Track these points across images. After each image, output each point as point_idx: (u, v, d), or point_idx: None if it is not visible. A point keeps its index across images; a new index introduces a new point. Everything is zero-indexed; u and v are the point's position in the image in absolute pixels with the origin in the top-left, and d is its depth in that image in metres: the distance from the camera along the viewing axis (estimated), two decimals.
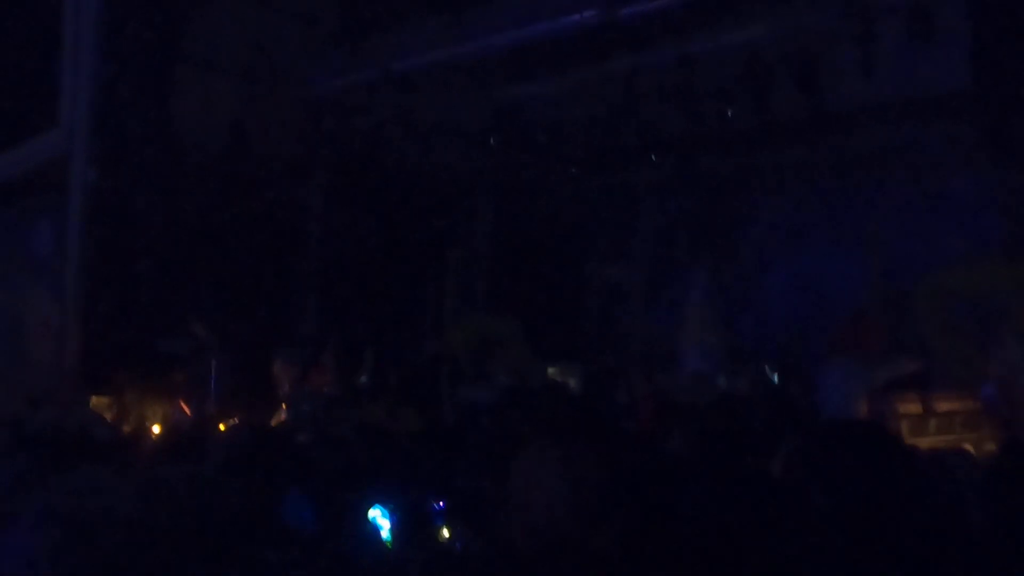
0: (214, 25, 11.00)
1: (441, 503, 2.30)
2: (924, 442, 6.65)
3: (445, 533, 2.55)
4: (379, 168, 12.58)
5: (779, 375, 10.14)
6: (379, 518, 2.27)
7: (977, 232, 10.27)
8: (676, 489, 2.89)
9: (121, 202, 10.33)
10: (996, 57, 9.03)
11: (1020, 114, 9.06)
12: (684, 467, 3.34)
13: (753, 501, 3.19)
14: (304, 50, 11.69)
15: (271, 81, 11.51)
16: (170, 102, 10.57)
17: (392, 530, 2.26)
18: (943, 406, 7.56)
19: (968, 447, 5.85)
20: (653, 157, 12.00)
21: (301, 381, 10.20)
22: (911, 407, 7.49)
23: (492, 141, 12.38)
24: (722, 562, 2.66)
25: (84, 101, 10.43)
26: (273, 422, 7.85)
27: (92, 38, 10.36)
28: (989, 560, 2.16)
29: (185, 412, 8.04)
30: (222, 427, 8.28)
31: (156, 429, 8.23)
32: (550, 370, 11.47)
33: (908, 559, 2.20)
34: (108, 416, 8.47)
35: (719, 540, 2.64)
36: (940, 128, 10.63)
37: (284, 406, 9.36)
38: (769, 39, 9.49)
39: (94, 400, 9.39)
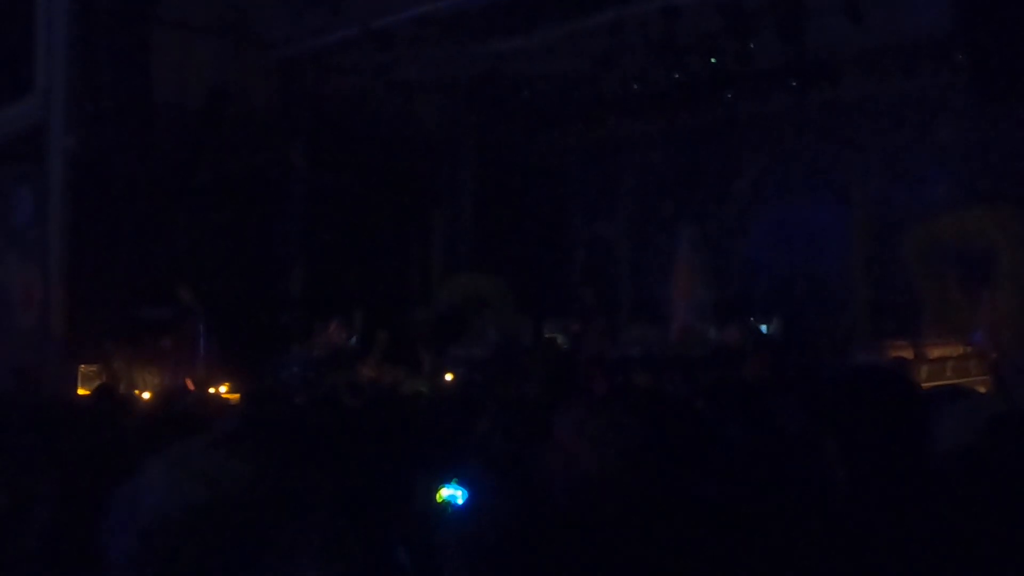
0: None
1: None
2: None
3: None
4: (361, 127, 12.43)
5: (768, 326, 10.20)
6: (457, 496, 2.20)
7: (963, 179, 10.29)
8: (687, 444, 2.88)
9: (101, 167, 10.16)
10: (980, 2, 8.98)
11: (1004, 58, 9.03)
12: (690, 421, 3.34)
13: (762, 452, 3.20)
14: (282, 9, 11.49)
15: (249, 41, 11.32)
16: (147, 65, 10.37)
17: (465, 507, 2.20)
18: (934, 352, 7.62)
19: None
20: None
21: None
22: (902, 354, 7.54)
23: (475, 97, 12.26)
24: (734, 512, 2.65)
25: (60, 66, 10.22)
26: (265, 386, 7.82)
27: (66, 2, 10.13)
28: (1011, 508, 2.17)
29: (189, 386, 7.94)
30: (212, 391, 8.25)
31: (147, 396, 8.19)
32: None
33: (924, 503, 2.20)
34: (95, 384, 8.42)
35: (732, 492, 2.64)
36: (926, 75, 10.58)
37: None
38: None
39: (82, 369, 9.33)
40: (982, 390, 6.19)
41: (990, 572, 2.09)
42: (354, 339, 10.51)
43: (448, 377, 9.38)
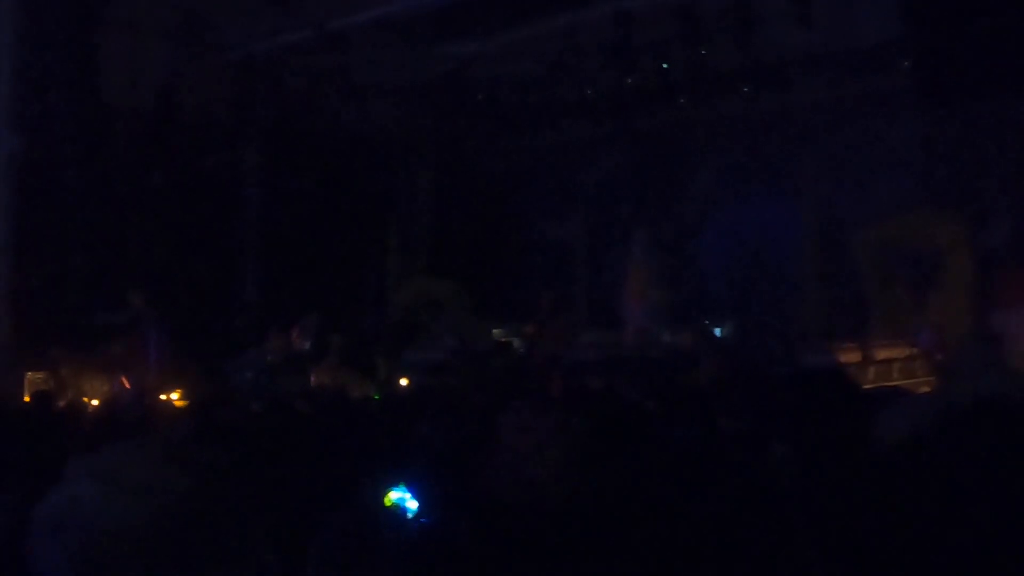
0: None
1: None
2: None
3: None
4: (316, 130, 12.36)
5: (721, 329, 10.29)
6: (405, 500, 2.18)
7: (911, 182, 10.45)
8: (637, 445, 2.90)
9: (48, 169, 9.99)
10: (927, 8, 9.16)
11: (950, 63, 9.22)
12: (644, 423, 3.37)
13: (712, 453, 3.23)
14: (236, 10, 11.38)
15: (200, 42, 11.20)
16: (96, 66, 10.21)
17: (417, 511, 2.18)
18: (881, 354, 7.74)
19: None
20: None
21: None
22: (851, 355, 7.65)
23: (431, 101, 12.25)
24: (683, 513, 2.68)
25: (5, 66, 10.03)
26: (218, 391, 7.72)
27: (11, 1, 9.94)
28: (956, 510, 2.21)
29: (125, 386, 7.86)
30: (164, 398, 8.16)
31: (95, 403, 8.06)
32: (495, 331, 11.47)
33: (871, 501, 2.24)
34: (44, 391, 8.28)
35: (682, 491, 2.66)
36: (874, 79, 10.75)
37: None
38: None
39: (30, 376, 9.16)
40: (927, 390, 6.31)
41: (932, 567, 2.13)
42: (309, 344, 10.44)
43: (403, 382, 9.34)
